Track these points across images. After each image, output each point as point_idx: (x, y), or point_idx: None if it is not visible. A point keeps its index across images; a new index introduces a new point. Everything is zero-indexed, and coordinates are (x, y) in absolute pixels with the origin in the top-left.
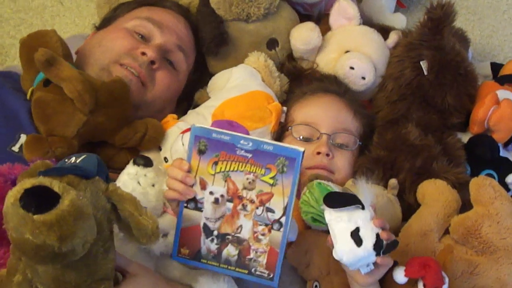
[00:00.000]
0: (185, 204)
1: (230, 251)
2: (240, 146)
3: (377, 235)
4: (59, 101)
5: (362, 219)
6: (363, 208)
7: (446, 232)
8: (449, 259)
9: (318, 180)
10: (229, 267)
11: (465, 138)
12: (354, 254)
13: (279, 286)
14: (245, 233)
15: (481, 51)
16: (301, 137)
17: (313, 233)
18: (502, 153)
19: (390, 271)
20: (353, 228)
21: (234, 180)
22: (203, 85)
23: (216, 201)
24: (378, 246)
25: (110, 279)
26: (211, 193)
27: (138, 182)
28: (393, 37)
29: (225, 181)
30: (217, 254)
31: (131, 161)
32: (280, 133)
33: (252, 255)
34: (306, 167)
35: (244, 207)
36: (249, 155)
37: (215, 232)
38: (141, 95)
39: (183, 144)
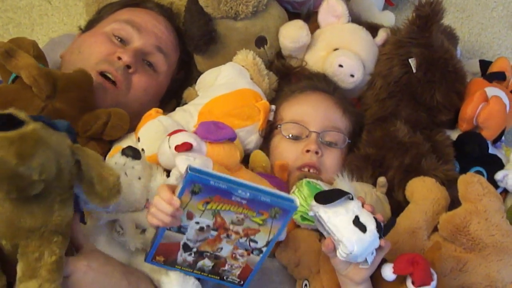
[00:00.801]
0: (168, 228)
1: (206, 263)
2: (237, 194)
3: (375, 218)
4: (18, 90)
5: (357, 207)
6: (352, 198)
7: (435, 229)
8: (437, 256)
9: (307, 179)
10: (202, 273)
11: (454, 135)
12: (363, 241)
13: (268, 285)
14: (224, 253)
15: (470, 49)
16: (290, 135)
17: (303, 231)
18: (491, 150)
19: (379, 268)
20: (353, 217)
21: (223, 216)
22: (191, 83)
23: (201, 229)
24: (380, 228)
25: (64, 237)
26: (197, 222)
27: (125, 173)
28: (381, 35)
29: (214, 215)
30: (192, 264)
31: (120, 151)
32: (269, 131)
33: (227, 267)
34: (296, 166)
35: (228, 236)
36: (244, 201)
37: (194, 249)
38: (115, 99)
39: (169, 147)
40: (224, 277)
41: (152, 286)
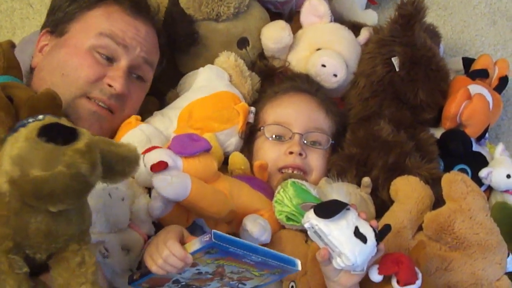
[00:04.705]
0: None
1: None
2: (249, 258)
3: (371, 226)
4: None
5: (355, 218)
6: (349, 208)
7: (420, 228)
8: (422, 255)
9: (292, 179)
10: None
11: (437, 133)
12: (364, 252)
13: None
14: None
15: (453, 46)
16: (273, 137)
17: (288, 232)
18: (475, 147)
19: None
20: (353, 228)
21: (225, 268)
22: (174, 85)
23: (199, 273)
24: (376, 236)
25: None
26: (197, 269)
27: (109, 194)
28: (364, 34)
29: (217, 267)
30: None
31: None
32: (249, 133)
33: None
34: (279, 167)
35: (221, 279)
36: (252, 263)
37: (183, 283)
38: (111, 124)
39: (145, 166)
40: None
41: None
